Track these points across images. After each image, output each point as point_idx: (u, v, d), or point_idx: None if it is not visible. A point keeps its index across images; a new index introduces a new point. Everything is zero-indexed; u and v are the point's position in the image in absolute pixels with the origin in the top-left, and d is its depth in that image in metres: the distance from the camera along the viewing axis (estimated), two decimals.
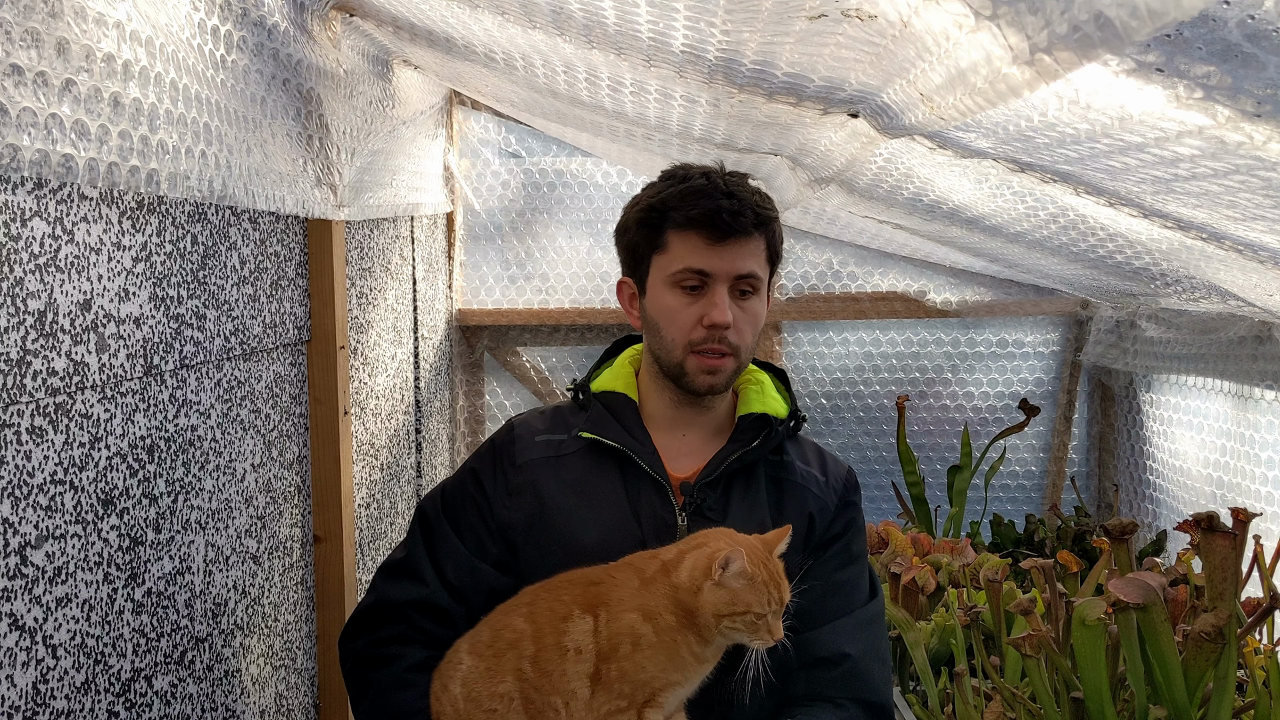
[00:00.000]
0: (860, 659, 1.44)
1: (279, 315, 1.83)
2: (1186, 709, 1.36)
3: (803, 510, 1.47)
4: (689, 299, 1.43)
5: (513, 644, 1.31)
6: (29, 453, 1.13)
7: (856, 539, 1.52)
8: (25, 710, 1.12)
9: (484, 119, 3.25)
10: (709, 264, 1.41)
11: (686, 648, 1.26)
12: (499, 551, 1.46)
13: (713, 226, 1.40)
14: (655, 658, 1.25)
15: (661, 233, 1.44)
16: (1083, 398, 3.32)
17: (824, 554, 1.48)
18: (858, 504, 1.55)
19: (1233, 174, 1.14)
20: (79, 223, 1.22)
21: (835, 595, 1.46)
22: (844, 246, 3.29)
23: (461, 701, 1.33)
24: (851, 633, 1.45)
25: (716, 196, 1.41)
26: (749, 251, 1.42)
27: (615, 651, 1.25)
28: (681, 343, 1.43)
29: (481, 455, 1.53)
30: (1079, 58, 0.85)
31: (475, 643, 1.36)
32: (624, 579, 1.31)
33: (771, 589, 1.25)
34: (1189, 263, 1.86)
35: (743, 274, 1.42)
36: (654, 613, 1.26)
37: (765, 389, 1.54)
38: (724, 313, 1.40)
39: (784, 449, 1.52)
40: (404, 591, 1.46)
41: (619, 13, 1.37)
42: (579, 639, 1.27)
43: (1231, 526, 1.37)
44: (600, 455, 1.47)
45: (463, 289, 3.31)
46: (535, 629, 1.30)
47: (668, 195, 1.44)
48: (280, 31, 1.62)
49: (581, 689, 1.26)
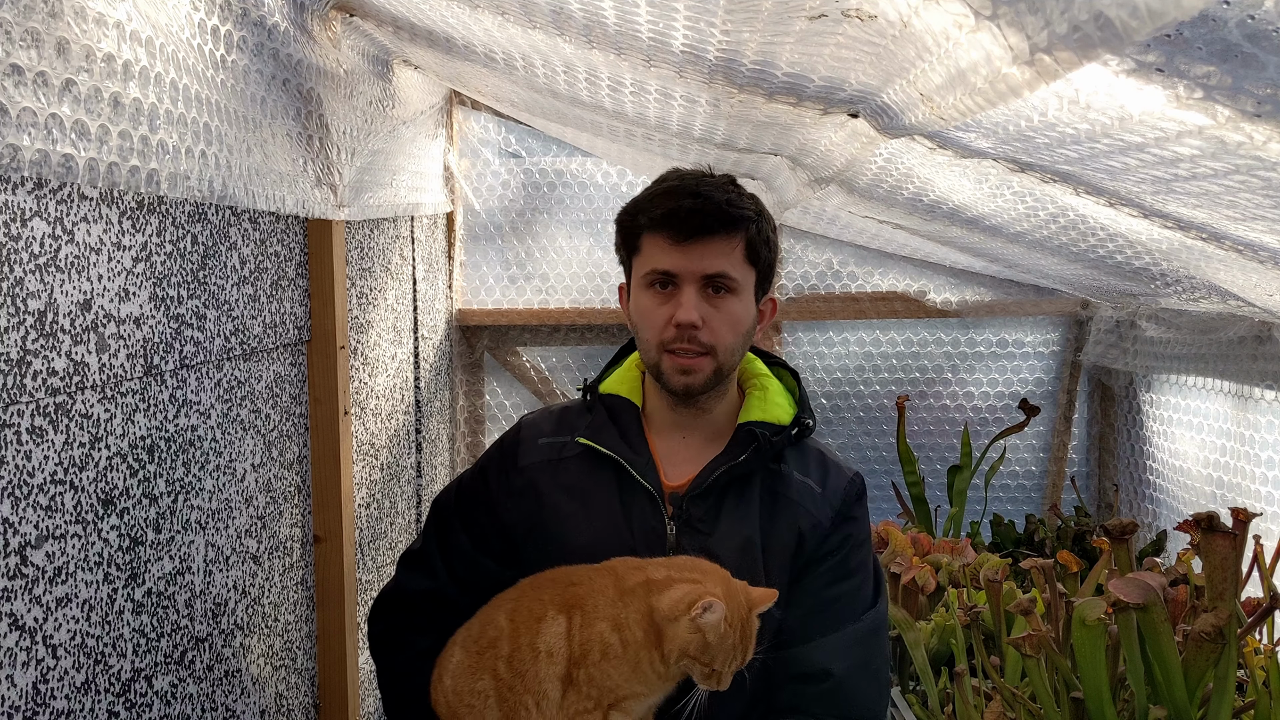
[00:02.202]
0: (846, 677, 1.41)
1: (279, 315, 1.83)
2: (1186, 709, 1.36)
3: (793, 527, 1.45)
4: (660, 299, 1.43)
5: (493, 643, 1.35)
6: (29, 453, 1.13)
7: (855, 553, 1.48)
8: (25, 710, 1.12)
9: (484, 119, 3.25)
10: (674, 264, 1.41)
11: (649, 664, 1.28)
12: (502, 548, 1.50)
13: (675, 226, 1.40)
14: (620, 668, 1.28)
15: (637, 236, 1.46)
16: (1083, 398, 3.31)
17: (816, 570, 1.46)
18: (859, 517, 1.50)
19: (1233, 174, 1.13)
20: (79, 223, 1.22)
21: (823, 613, 1.44)
22: (844, 246, 3.29)
23: (450, 694, 1.39)
24: (838, 650, 1.42)
25: (681, 196, 1.41)
26: (718, 251, 1.41)
27: (585, 657, 1.29)
28: (655, 343, 1.44)
29: (491, 454, 1.57)
30: (1079, 58, 0.85)
31: (466, 636, 1.41)
32: (602, 585, 1.32)
33: (737, 651, 1.27)
34: (1189, 263, 1.86)
35: (710, 273, 1.41)
36: (624, 625, 1.28)
37: (769, 395, 1.52)
38: (689, 311, 1.39)
39: (784, 457, 1.49)
40: (418, 582, 1.54)
41: (619, 13, 1.37)
42: (552, 642, 1.31)
43: (1231, 526, 1.36)
44: (598, 461, 1.48)
45: (463, 289, 3.31)
46: (513, 628, 1.34)
47: (640, 198, 1.46)
48: (280, 31, 1.62)
49: (553, 690, 1.30)
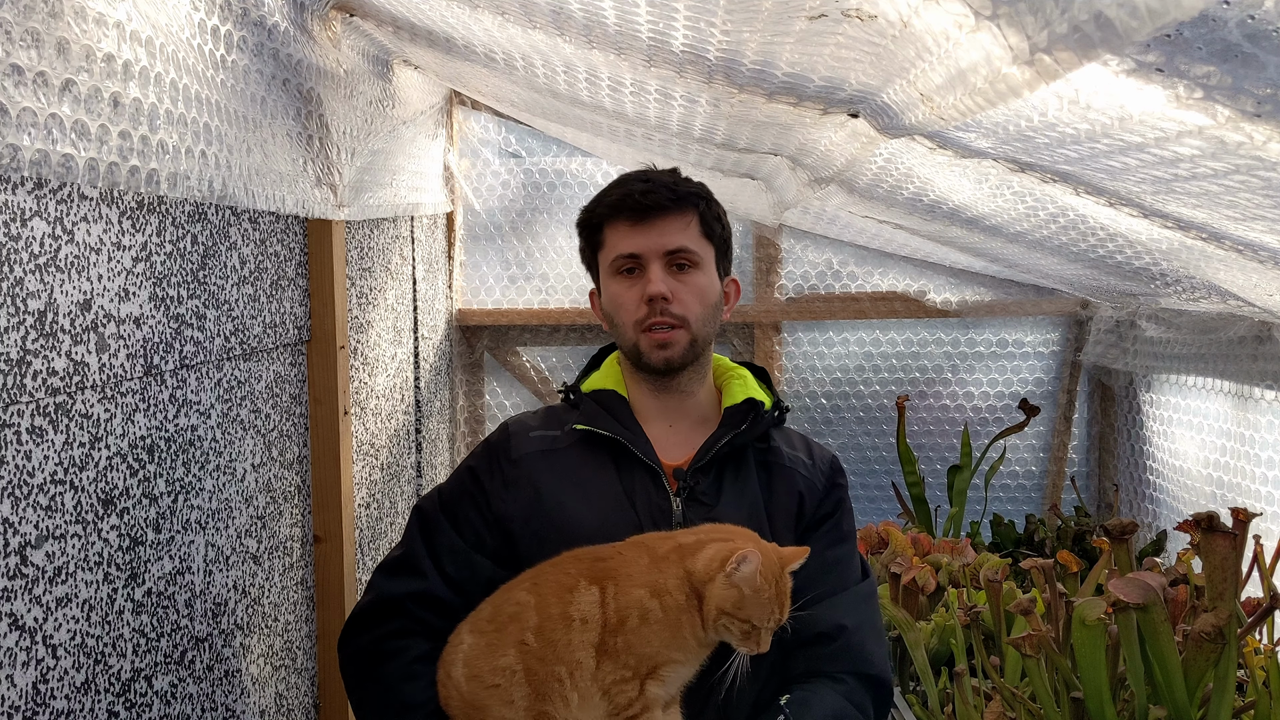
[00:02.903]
0: (856, 631, 1.47)
1: (279, 315, 1.83)
2: (1186, 709, 1.36)
3: (792, 489, 1.53)
4: (629, 282, 1.52)
5: (515, 616, 1.33)
6: (29, 453, 1.13)
7: (846, 518, 1.58)
8: (25, 710, 1.12)
9: (484, 119, 3.25)
10: (636, 244, 1.50)
11: (690, 628, 1.29)
12: (496, 544, 1.50)
13: (630, 208, 1.51)
14: (660, 633, 1.28)
15: (599, 230, 1.55)
16: (1083, 398, 3.31)
17: (816, 532, 1.53)
18: (845, 486, 1.60)
19: (1233, 174, 1.13)
20: (79, 223, 1.22)
21: (830, 572, 1.50)
22: (844, 246, 3.29)
23: (464, 682, 1.33)
24: (848, 607, 1.49)
25: (630, 182, 1.53)
26: (675, 227, 1.50)
27: (623, 624, 1.28)
28: (630, 323, 1.51)
29: (478, 454, 1.58)
30: (1079, 58, 0.85)
31: (476, 621, 1.38)
32: (634, 556, 1.33)
33: (774, 606, 1.28)
34: (1189, 263, 1.86)
35: (672, 249, 1.50)
36: (663, 590, 1.29)
37: (748, 381, 1.61)
38: (657, 285, 1.48)
39: (770, 436, 1.57)
40: (403, 586, 1.48)
41: (619, 13, 1.37)
42: (585, 609, 1.30)
43: (1231, 526, 1.36)
44: (594, 447, 1.52)
45: (463, 289, 3.31)
46: (539, 600, 1.32)
47: (594, 199, 1.57)
48: (280, 31, 1.62)
49: (587, 658, 1.28)
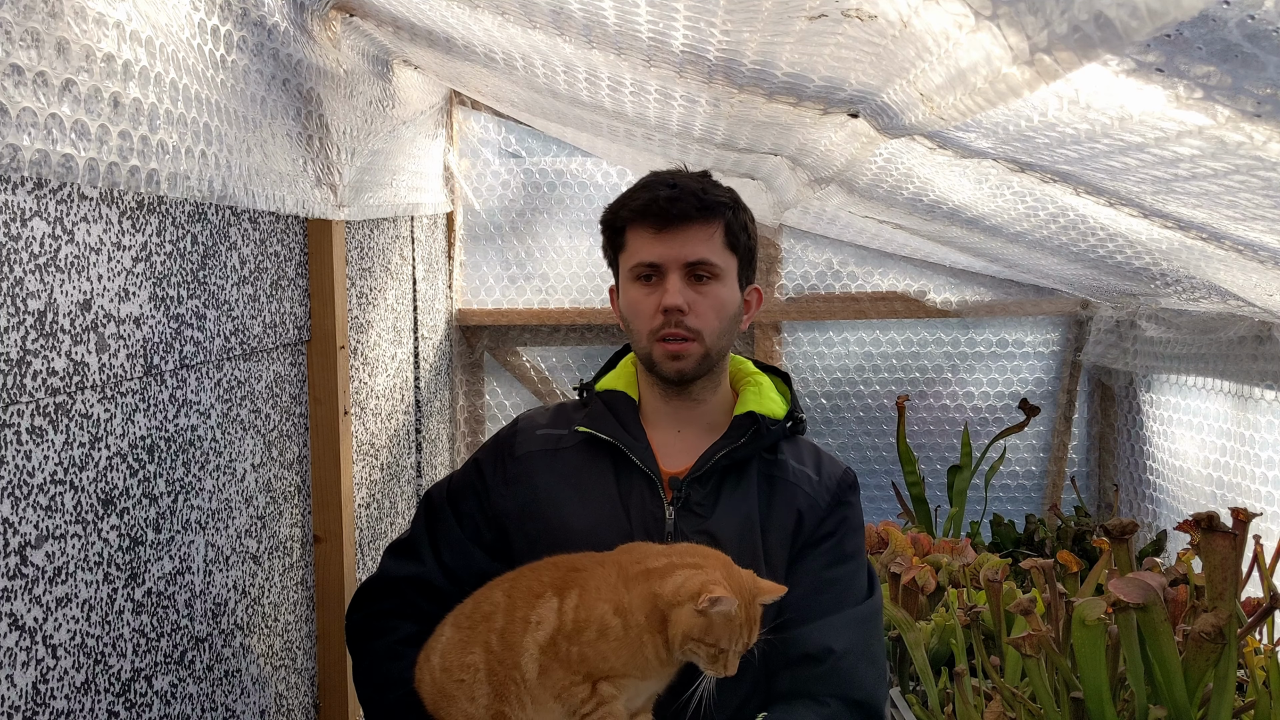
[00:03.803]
0: (845, 656, 1.43)
1: (279, 315, 1.83)
2: (1186, 709, 1.36)
3: (791, 506, 1.49)
4: (647, 290, 1.49)
5: (487, 617, 1.35)
6: (29, 453, 1.13)
7: (850, 538, 1.52)
8: (25, 710, 1.12)
9: (484, 119, 3.25)
10: (656, 253, 1.46)
11: (652, 649, 1.27)
12: (492, 538, 1.53)
13: (654, 215, 1.46)
14: (619, 651, 1.27)
15: (621, 233, 1.52)
16: (1083, 398, 3.31)
17: (814, 551, 1.49)
18: (853, 503, 1.55)
19: (1233, 174, 1.13)
20: (79, 223, 1.22)
21: (824, 592, 1.47)
22: (844, 246, 3.29)
23: (438, 671, 1.37)
24: (839, 630, 1.45)
25: (656, 188, 1.47)
26: (698, 238, 1.46)
27: (580, 635, 1.27)
28: (645, 332, 1.49)
29: (487, 447, 1.61)
30: (1079, 58, 0.85)
31: (458, 615, 1.40)
32: (604, 571, 1.33)
33: (744, 630, 1.26)
34: (1189, 263, 1.86)
35: (692, 260, 1.46)
36: (626, 610, 1.28)
37: (763, 390, 1.57)
38: (673, 296, 1.45)
39: (779, 448, 1.54)
40: (403, 569, 1.55)
41: (619, 13, 1.37)
42: (541, 613, 1.30)
43: (1231, 526, 1.36)
44: (595, 449, 1.53)
45: (463, 289, 3.31)
46: (509, 603, 1.34)
47: (621, 197, 1.53)
48: (280, 31, 1.62)
49: (530, 664, 1.28)
